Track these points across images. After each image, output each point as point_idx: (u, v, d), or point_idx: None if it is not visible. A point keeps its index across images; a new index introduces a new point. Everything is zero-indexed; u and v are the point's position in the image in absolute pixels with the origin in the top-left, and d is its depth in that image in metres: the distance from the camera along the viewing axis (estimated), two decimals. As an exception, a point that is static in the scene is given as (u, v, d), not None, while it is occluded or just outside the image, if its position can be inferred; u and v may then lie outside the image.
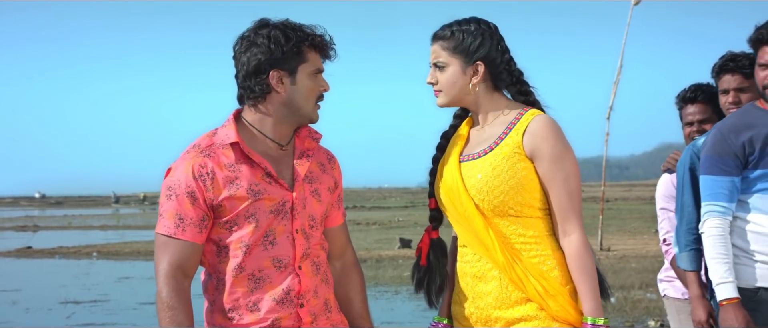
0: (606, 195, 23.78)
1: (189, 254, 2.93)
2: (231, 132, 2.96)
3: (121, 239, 31.75)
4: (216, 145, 2.95)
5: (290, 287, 2.97)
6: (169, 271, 2.93)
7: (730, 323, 3.52)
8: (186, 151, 2.98)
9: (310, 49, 2.98)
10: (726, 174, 3.58)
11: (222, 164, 2.93)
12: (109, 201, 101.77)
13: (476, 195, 2.99)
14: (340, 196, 3.19)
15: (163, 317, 2.90)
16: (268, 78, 2.95)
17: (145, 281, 17.80)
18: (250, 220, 2.93)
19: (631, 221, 34.34)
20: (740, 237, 3.61)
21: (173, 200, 2.92)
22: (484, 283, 3.01)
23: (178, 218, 2.92)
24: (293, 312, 2.98)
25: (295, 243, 2.98)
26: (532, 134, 2.98)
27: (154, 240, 3.01)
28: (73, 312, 13.50)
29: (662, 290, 4.69)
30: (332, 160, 3.18)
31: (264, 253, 2.96)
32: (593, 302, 2.94)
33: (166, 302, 2.91)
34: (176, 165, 2.96)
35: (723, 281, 3.55)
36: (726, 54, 4.04)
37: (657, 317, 10.91)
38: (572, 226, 2.98)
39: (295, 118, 3.01)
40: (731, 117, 3.68)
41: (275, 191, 2.96)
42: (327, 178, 3.11)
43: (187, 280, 2.95)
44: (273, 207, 2.95)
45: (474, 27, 3.06)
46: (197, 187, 2.91)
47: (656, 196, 4.56)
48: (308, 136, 3.10)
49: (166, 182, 2.96)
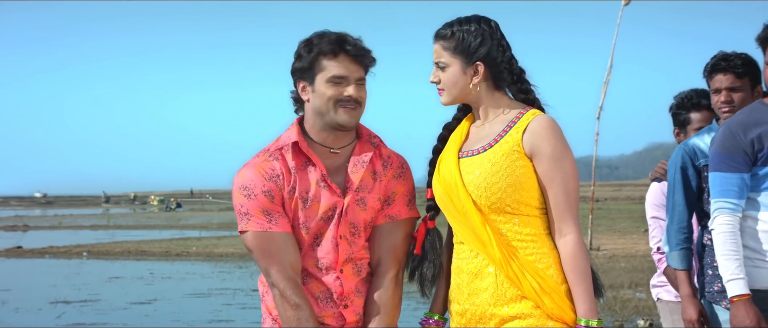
0: (595, 195, 23.82)
1: (291, 245, 3.05)
2: (293, 133, 3.13)
3: (111, 238, 31.69)
4: (281, 149, 3.11)
5: (332, 289, 3.09)
6: (282, 270, 3.02)
7: (741, 320, 3.51)
8: (257, 155, 3.15)
9: (325, 57, 3.09)
10: (735, 171, 3.57)
11: (287, 168, 3.09)
12: (100, 201, 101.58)
13: (474, 191, 3.00)
14: (399, 200, 3.22)
15: (289, 317, 3.00)
16: (297, 88, 3.16)
17: (135, 280, 17.80)
18: (303, 225, 3.08)
19: (620, 221, 34.40)
20: (752, 237, 3.60)
21: (254, 198, 3.05)
22: (480, 280, 3.02)
23: (265, 213, 3.05)
24: (336, 312, 3.09)
25: (338, 248, 3.09)
26: (532, 133, 2.99)
27: (246, 240, 3.08)
28: (63, 312, 13.47)
29: (655, 294, 4.71)
30: (390, 166, 3.22)
31: (310, 253, 3.10)
32: (587, 303, 2.96)
33: (292, 302, 3.00)
34: (247, 168, 3.11)
35: (734, 278, 3.53)
36: (718, 54, 4.05)
37: (646, 316, 10.94)
38: (568, 226, 2.99)
39: (326, 124, 3.13)
40: (740, 114, 3.68)
41: (328, 195, 3.08)
42: (379, 187, 3.18)
43: (299, 276, 3.06)
44: (324, 213, 3.08)
45: (474, 27, 3.06)
46: (272, 186, 3.06)
47: (646, 205, 4.58)
48: (367, 140, 3.21)
49: (239, 183, 3.09)
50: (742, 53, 4.00)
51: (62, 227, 42.78)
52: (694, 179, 3.92)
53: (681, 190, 3.93)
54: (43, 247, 26.75)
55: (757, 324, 3.50)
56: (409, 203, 3.24)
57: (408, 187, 3.24)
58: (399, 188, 3.22)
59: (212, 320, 12.42)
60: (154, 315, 13.19)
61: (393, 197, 3.20)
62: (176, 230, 37.90)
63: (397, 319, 3.19)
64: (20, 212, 70.15)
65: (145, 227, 41.16)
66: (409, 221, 3.23)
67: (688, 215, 3.95)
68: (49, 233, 37.01)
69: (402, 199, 3.22)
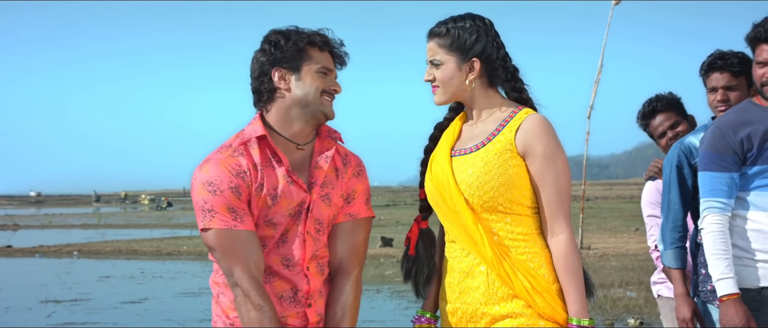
0: (586, 194, 23.85)
1: (255, 244, 2.96)
2: (257, 127, 3.03)
3: (102, 237, 31.63)
4: (245, 143, 3.01)
5: (299, 287, 3.02)
6: (246, 269, 2.93)
7: (730, 319, 3.52)
8: (217, 150, 3.03)
9: (312, 47, 3.06)
10: (725, 170, 3.58)
11: (253, 163, 2.99)
12: (90, 200, 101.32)
13: (466, 190, 3.00)
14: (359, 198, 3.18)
15: (252, 318, 2.91)
16: (271, 77, 3.04)
17: (126, 279, 17.76)
18: (270, 222, 3.00)
19: (611, 220, 34.46)
20: (740, 237, 3.61)
21: (220, 195, 2.94)
22: (471, 278, 3.02)
23: (231, 210, 2.95)
24: (300, 312, 3.03)
25: (305, 244, 3.03)
26: (525, 132, 2.99)
27: (207, 238, 2.96)
28: (53, 311, 13.43)
29: (656, 291, 4.71)
30: (349, 164, 3.18)
31: (275, 251, 3.02)
32: (579, 302, 2.96)
33: (256, 302, 2.91)
34: (211, 164, 2.99)
35: (723, 277, 3.54)
36: (714, 52, 4.05)
37: (637, 315, 10.96)
38: (560, 226, 2.99)
39: (306, 115, 3.06)
40: (729, 114, 3.69)
41: (295, 191, 3.01)
42: (341, 183, 3.13)
43: (262, 276, 2.97)
44: (292, 209, 3.01)
45: (470, 23, 3.06)
46: (239, 182, 2.96)
47: (642, 204, 4.58)
48: (328, 136, 3.15)
49: (202, 178, 2.97)
50: (739, 52, 4.00)
51: (52, 226, 42.68)
52: (689, 177, 3.92)
53: (676, 188, 3.93)
54: (33, 246, 26.69)
55: (747, 323, 3.51)
56: (367, 202, 3.20)
57: (366, 186, 3.21)
58: (358, 186, 3.17)
59: (203, 319, 12.39)
60: (144, 314, 13.16)
61: (353, 194, 3.15)
62: (167, 229, 37.85)
63: (356, 320, 3.15)
64: (11, 211, 69.92)
65: (135, 227, 41.09)
66: (368, 220, 3.19)
67: (683, 214, 3.95)
68: (40, 232, 36.92)
69: (361, 197, 3.17)
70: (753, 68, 3.63)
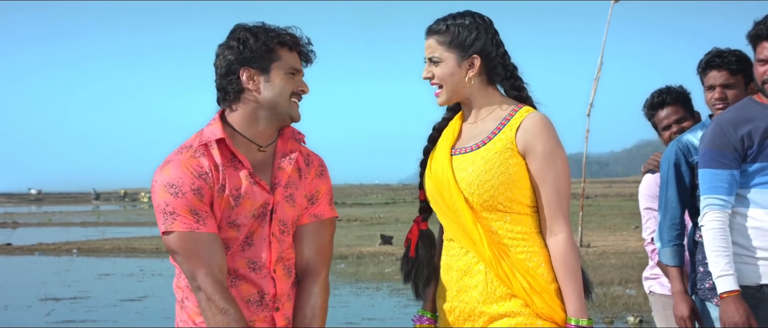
0: (586, 192, 23.86)
1: (218, 247, 2.89)
2: (217, 129, 2.95)
3: (101, 235, 31.61)
4: (205, 145, 2.94)
5: (266, 290, 2.97)
6: (209, 273, 2.86)
7: (730, 316, 3.52)
8: (178, 151, 2.96)
9: (282, 47, 2.98)
10: (725, 167, 3.59)
11: (215, 165, 2.92)
12: (89, 198, 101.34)
13: (466, 189, 2.99)
14: (322, 199, 3.13)
15: (217, 322, 2.84)
16: (239, 77, 2.96)
17: (125, 277, 17.76)
18: (234, 223, 2.94)
19: (610, 218, 34.46)
20: (740, 234, 3.61)
21: (182, 197, 2.87)
22: (469, 277, 3.01)
23: (193, 213, 2.88)
24: (268, 316, 2.98)
25: (271, 246, 2.98)
26: (525, 131, 2.98)
27: (169, 241, 2.90)
28: (52, 309, 13.43)
29: (648, 287, 4.70)
30: (311, 164, 3.12)
31: (241, 254, 2.96)
32: (577, 302, 2.95)
33: (220, 306, 2.84)
34: (172, 165, 2.92)
35: (723, 274, 3.55)
36: (712, 50, 4.05)
37: (636, 313, 10.96)
38: (559, 225, 2.98)
39: (273, 117, 3.00)
40: (730, 111, 3.70)
41: (257, 192, 2.95)
42: (304, 184, 3.08)
43: (225, 279, 2.90)
44: (255, 210, 2.95)
45: (469, 20, 3.05)
46: (201, 184, 2.89)
47: (640, 196, 4.58)
48: (291, 137, 3.08)
49: (164, 180, 2.90)
50: (737, 50, 4.00)
51: (52, 224, 42.66)
52: (687, 175, 3.92)
53: (674, 186, 3.93)
54: (32, 244, 26.66)
55: (747, 321, 3.51)
56: (331, 203, 3.15)
57: (328, 186, 3.15)
58: (321, 187, 3.12)
59: (202, 318, 12.38)
60: (144, 312, 13.17)
61: (317, 195, 3.10)
62: (166, 227, 37.74)
63: (325, 321, 3.10)
64: (10, 209, 69.91)
65: (135, 224, 41.06)
66: (332, 220, 3.14)
67: (681, 211, 3.95)
68: (39, 230, 36.91)
69: (325, 198, 3.12)
70: (754, 66, 3.64)
